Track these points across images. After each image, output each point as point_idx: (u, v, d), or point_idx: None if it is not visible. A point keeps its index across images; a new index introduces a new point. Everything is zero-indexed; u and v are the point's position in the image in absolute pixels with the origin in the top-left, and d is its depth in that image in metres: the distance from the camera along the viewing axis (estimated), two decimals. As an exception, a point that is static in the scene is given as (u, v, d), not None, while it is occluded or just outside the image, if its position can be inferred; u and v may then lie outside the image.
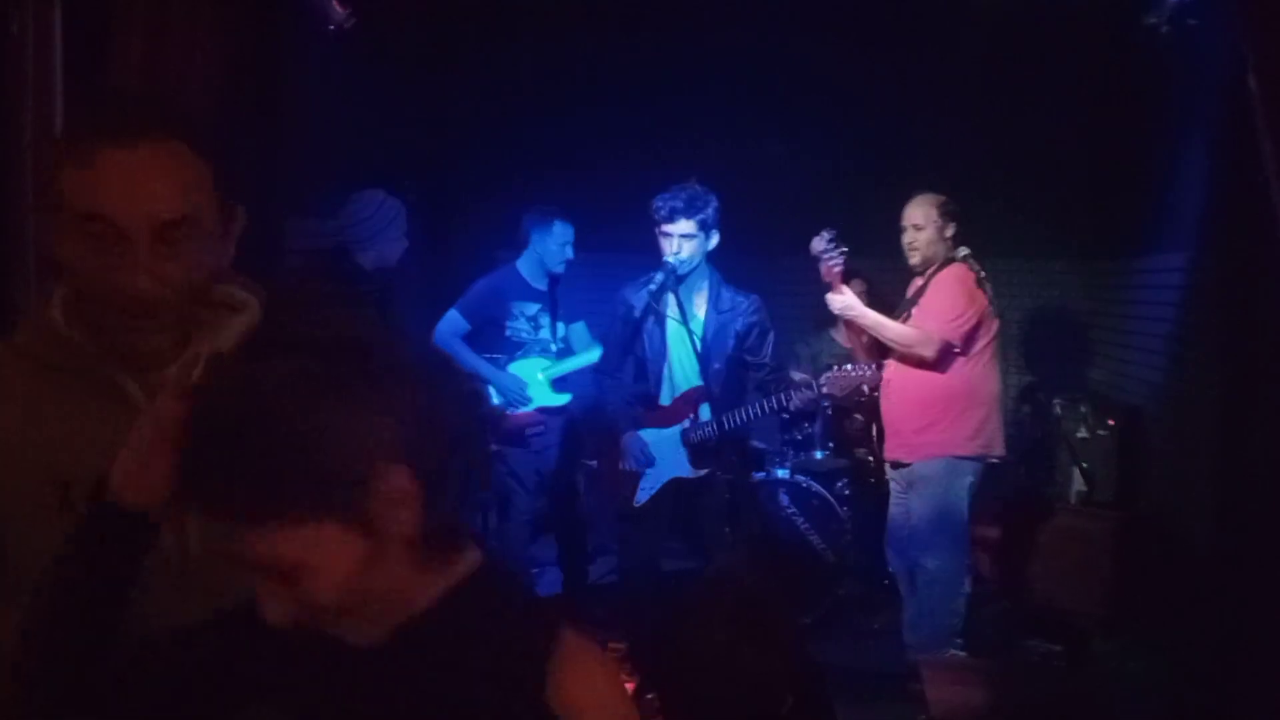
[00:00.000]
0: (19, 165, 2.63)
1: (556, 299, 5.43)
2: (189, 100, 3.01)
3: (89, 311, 1.52)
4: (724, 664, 1.77)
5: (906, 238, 4.80)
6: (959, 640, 4.81)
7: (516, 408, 5.28)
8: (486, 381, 5.31)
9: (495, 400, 5.28)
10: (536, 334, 5.38)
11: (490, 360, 5.32)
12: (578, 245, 5.41)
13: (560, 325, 5.46)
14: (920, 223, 4.75)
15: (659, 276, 4.38)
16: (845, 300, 4.70)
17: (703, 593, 2.01)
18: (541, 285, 5.39)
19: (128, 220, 1.42)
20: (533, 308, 5.37)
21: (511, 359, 5.37)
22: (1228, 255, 4.76)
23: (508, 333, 5.34)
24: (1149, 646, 4.97)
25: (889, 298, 6.33)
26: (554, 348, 5.43)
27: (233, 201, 1.56)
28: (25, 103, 2.65)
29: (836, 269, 4.66)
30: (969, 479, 4.70)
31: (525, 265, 5.39)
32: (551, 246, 5.29)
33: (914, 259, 4.82)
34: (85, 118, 1.51)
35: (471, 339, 5.31)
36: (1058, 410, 5.63)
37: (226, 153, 1.53)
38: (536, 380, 5.37)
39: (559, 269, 5.32)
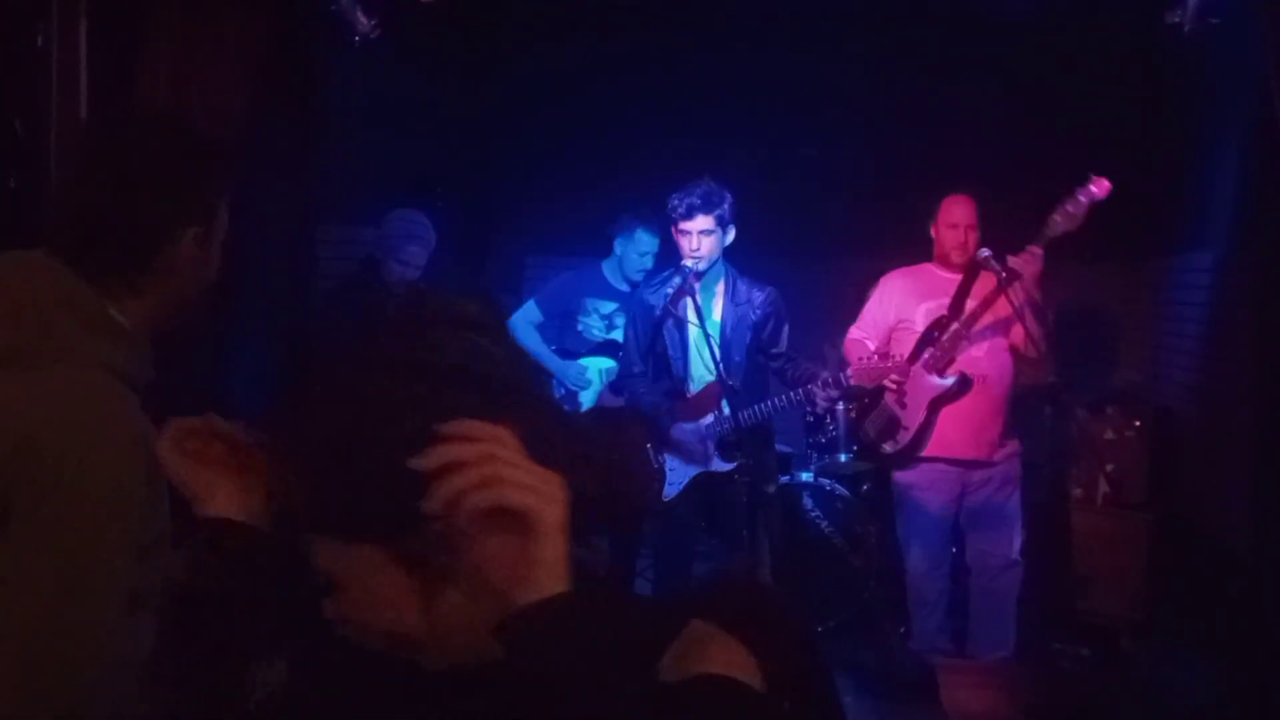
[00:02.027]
0: (45, 176, 2.65)
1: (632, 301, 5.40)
2: (216, 112, 3.04)
3: (179, 312, 1.73)
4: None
5: (959, 237, 4.68)
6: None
7: (577, 395, 5.32)
8: (550, 374, 5.34)
9: (558, 392, 5.32)
10: (608, 334, 5.38)
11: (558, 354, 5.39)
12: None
13: None
14: (974, 222, 4.69)
15: (676, 280, 4.37)
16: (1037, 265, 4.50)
17: (700, 595, 1.98)
18: (622, 286, 5.37)
19: None
20: (609, 306, 5.37)
21: (580, 356, 5.41)
22: (1256, 254, 4.71)
23: (579, 327, 5.38)
24: (1179, 649, 4.90)
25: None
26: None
27: None
28: (51, 114, 2.68)
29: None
30: None
31: (609, 267, 5.41)
32: (632, 253, 5.26)
33: (963, 259, 4.69)
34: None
35: (545, 333, 5.36)
36: (1083, 412, 5.56)
37: None
38: (596, 378, 5.38)
39: (637, 277, 5.28)
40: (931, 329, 4.68)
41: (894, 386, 4.56)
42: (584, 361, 5.41)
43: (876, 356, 4.39)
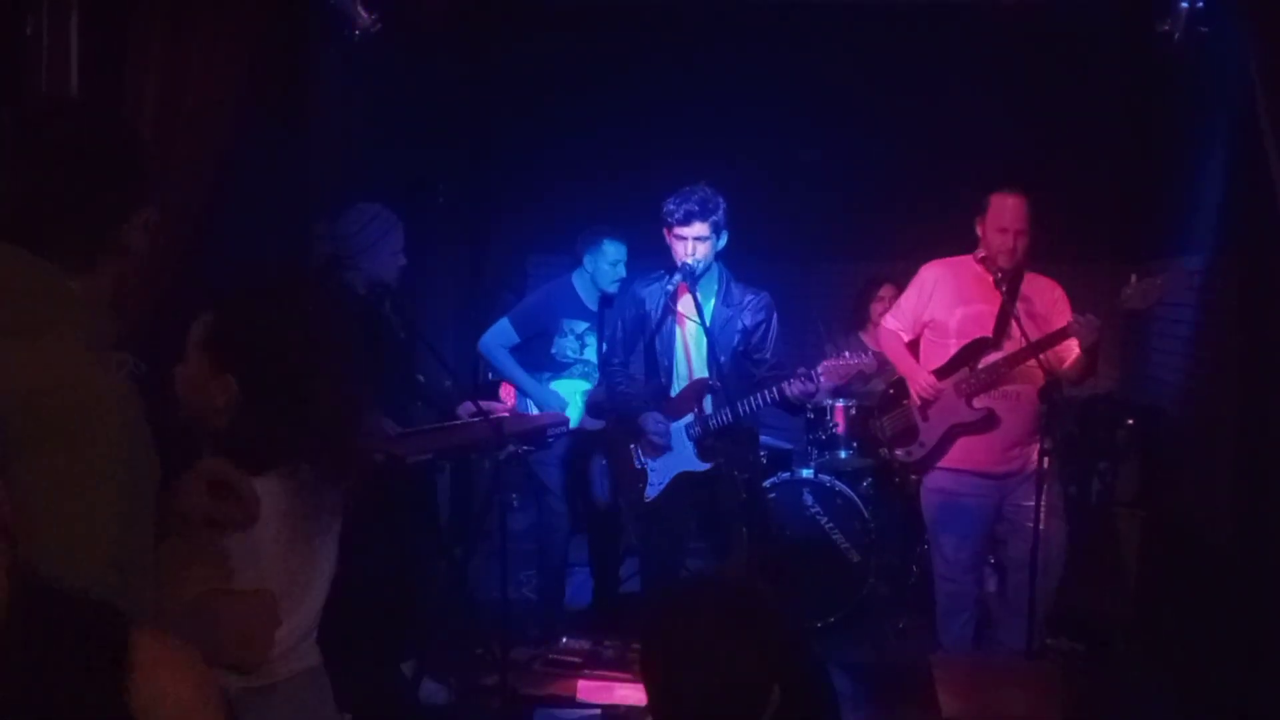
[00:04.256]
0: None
1: (604, 318, 5.21)
2: (209, 105, 2.93)
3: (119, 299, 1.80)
4: (705, 659, 1.67)
5: (1008, 242, 4.25)
6: None
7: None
8: (527, 395, 5.18)
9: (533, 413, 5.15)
10: (582, 353, 5.22)
11: (533, 378, 5.19)
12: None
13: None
14: (1025, 226, 4.28)
15: (676, 278, 4.27)
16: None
17: (692, 589, 1.91)
18: (593, 305, 5.21)
19: None
20: (581, 326, 5.21)
21: (555, 377, 5.23)
22: (1242, 258, 4.64)
23: (554, 349, 5.19)
24: (1170, 645, 4.81)
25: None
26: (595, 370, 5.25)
27: None
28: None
29: None
30: None
31: (579, 281, 5.22)
32: (603, 265, 5.12)
33: (1010, 264, 4.31)
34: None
35: (516, 354, 5.17)
36: (1075, 412, 5.43)
37: None
38: (575, 401, 5.23)
39: (611, 288, 5.13)
40: (971, 349, 4.32)
41: (920, 398, 4.37)
42: (564, 382, 5.23)
43: (846, 354, 4.23)
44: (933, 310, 4.45)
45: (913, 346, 4.53)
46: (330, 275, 4.22)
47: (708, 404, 4.35)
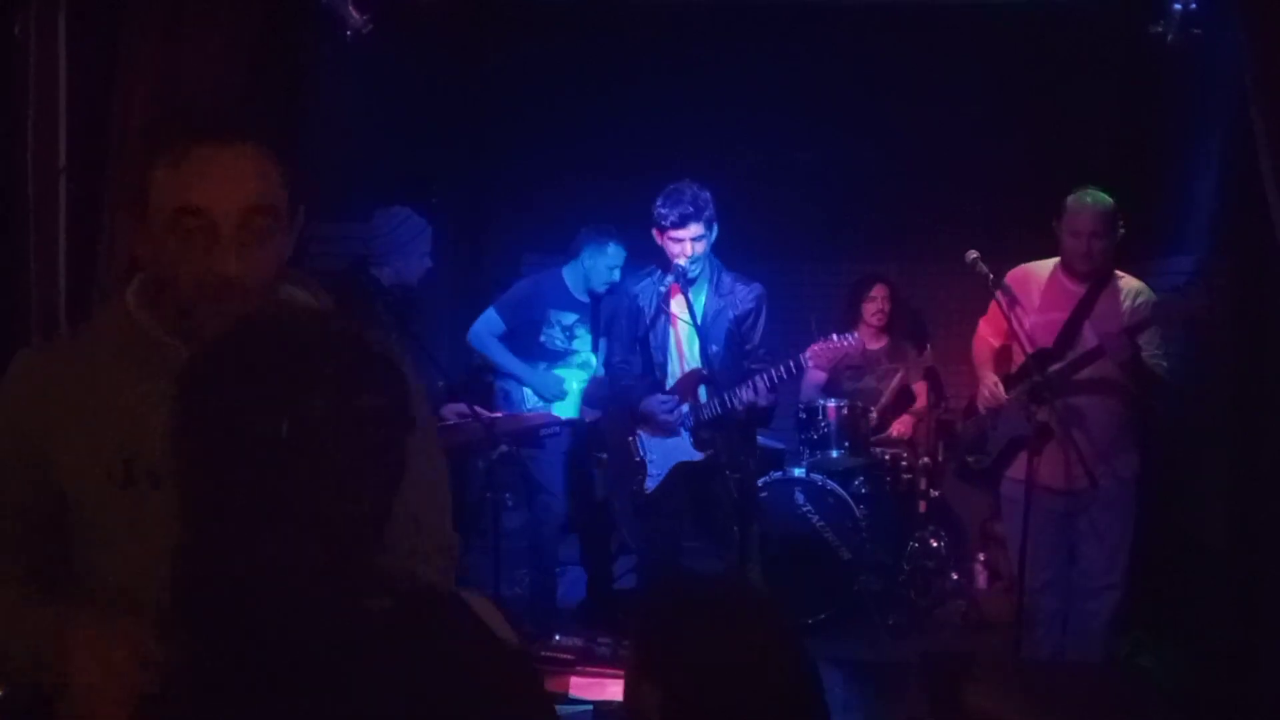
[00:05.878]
0: (21, 167, 2.50)
1: (598, 314, 5.20)
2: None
3: (173, 299, 1.58)
4: (704, 658, 1.63)
5: (1081, 246, 4.07)
6: None
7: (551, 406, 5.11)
8: (521, 382, 5.14)
9: (530, 403, 5.11)
10: (570, 344, 5.18)
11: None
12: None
13: (602, 340, 5.18)
14: (1099, 229, 4.07)
15: (669, 279, 4.26)
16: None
17: (690, 588, 1.89)
18: (583, 297, 5.17)
19: (218, 208, 1.50)
20: (570, 318, 5.16)
21: (552, 367, 5.19)
22: (1235, 259, 4.63)
23: (542, 338, 5.14)
24: (1161, 640, 4.78)
25: (912, 301, 6.21)
26: (593, 361, 5.20)
27: (297, 200, 1.64)
28: (27, 105, 2.53)
29: None
30: None
31: (570, 274, 5.17)
32: (601, 265, 5.08)
33: (1087, 268, 4.14)
34: (173, 122, 1.60)
35: (505, 344, 5.14)
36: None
37: (293, 155, 1.64)
38: (573, 390, 5.18)
39: (601, 289, 5.11)
40: (1035, 360, 4.08)
41: (983, 407, 4.28)
42: (560, 371, 5.19)
43: (834, 337, 4.18)
44: (1013, 316, 4.22)
45: (1006, 352, 4.34)
46: (360, 272, 4.29)
47: (702, 393, 4.34)
